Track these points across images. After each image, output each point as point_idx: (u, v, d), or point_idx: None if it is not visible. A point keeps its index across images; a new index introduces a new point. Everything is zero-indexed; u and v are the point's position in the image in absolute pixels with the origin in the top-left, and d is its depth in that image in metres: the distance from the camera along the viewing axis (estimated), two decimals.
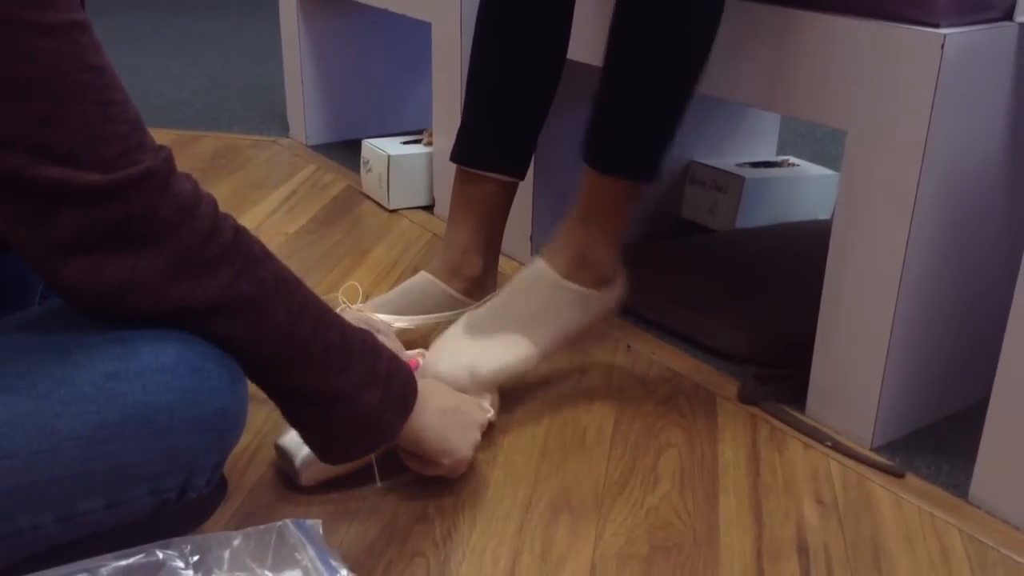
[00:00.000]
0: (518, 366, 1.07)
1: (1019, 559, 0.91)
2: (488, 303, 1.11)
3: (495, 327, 1.08)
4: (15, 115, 0.61)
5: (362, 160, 1.80)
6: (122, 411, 0.70)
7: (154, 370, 0.71)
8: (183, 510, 0.78)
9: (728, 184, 1.64)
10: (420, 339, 1.17)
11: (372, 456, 0.94)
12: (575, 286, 1.09)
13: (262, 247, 0.75)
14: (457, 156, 1.23)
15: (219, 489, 0.85)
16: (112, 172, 0.65)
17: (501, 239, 1.26)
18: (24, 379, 0.69)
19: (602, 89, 1.06)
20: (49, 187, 0.63)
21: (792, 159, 1.76)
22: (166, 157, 0.69)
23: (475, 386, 1.04)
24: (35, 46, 0.61)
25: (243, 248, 0.72)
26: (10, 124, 0.61)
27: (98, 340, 0.72)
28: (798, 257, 1.43)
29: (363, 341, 0.82)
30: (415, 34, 2.08)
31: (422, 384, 0.88)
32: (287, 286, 0.76)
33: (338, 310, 1.20)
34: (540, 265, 1.09)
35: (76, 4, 0.64)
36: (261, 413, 1.06)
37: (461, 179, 1.23)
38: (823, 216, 1.69)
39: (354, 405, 0.80)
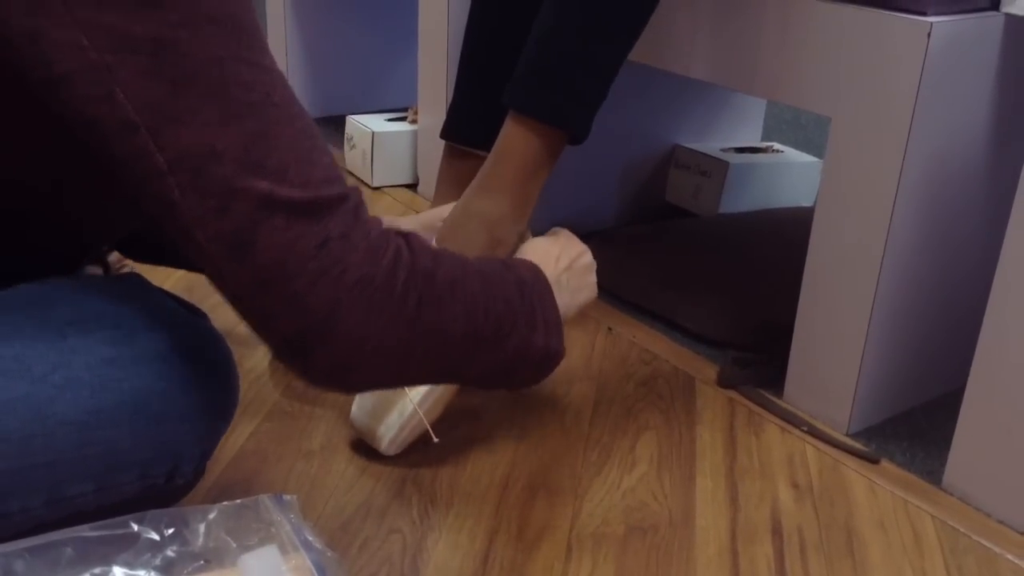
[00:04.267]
0: None
1: (990, 546, 0.93)
2: None
3: None
4: (228, 131, 0.62)
5: (346, 136, 1.79)
6: (117, 397, 0.70)
7: (150, 357, 0.71)
8: (166, 491, 0.78)
9: (712, 169, 1.64)
10: None
11: (441, 409, 0.98)
12: None
13: (429, 252, 0.72)
14: (447, 132, 1.23)
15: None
16: (317, 191, 0.65)
17: None
18: (19, 362, 0.68)
19: (541, 30, 1.01)
20: (256, 198, 0.62)
21: (777, 145, 1.76)
22: (357, 189, 0.69)
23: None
24: (253, 78, 0.63)
25: (419, 269, 0.70)
26: (225, 138, 0.62)
27: (94, 324, 0.72)
28: (780, 243, 1.43)
29: (518, 285, 0.80)
30: (401, 10, 2.07)
31: (538, 265, 0.85)
32: (459, 285, 0.73)
33: None
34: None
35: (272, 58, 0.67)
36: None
37: (449, 155, 1.23)
38: (806, 203, 1.69)
39: (528, 357, 0.80)
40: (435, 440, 0.97)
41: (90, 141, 0.63)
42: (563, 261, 0.92)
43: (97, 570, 0.66)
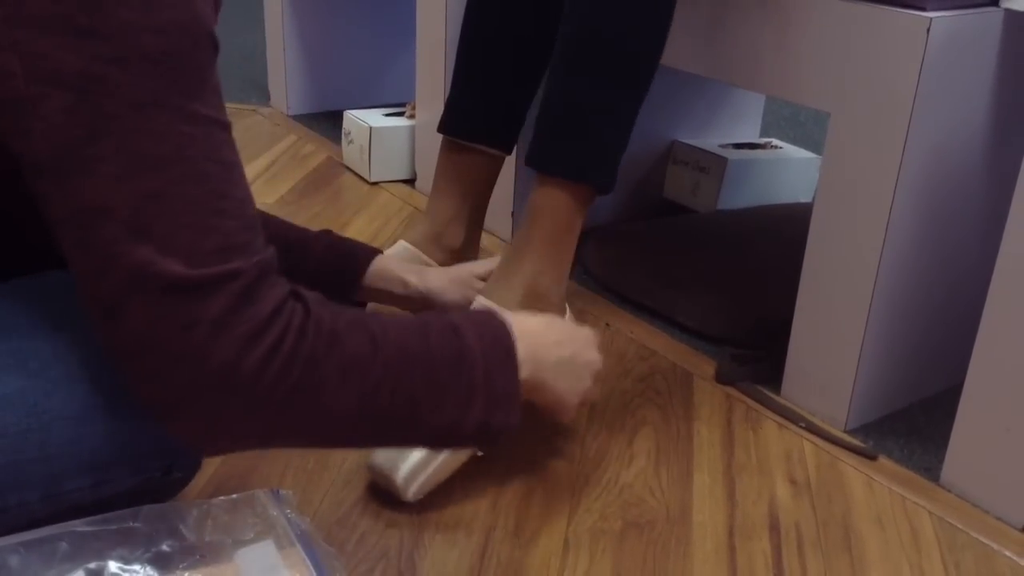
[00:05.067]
0: None
1: (988, 542, 0.93)
2: None
3: None
4: (126, 187, 0.59)
5: (344, 131, 1.79)
6: (113, 393, 0.70)
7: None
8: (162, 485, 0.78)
9: (711, 165, 1.63)
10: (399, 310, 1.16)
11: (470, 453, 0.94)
12: None
13: (329, 334, 0.67)
14: (445, 127, 1.22)
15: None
16: (198, 267, 0.60)
17: (485, 213, 1.25)
18: (15, 357, 0.68)
19: (554, 88, 1.00)
20: (131, 267, 0.59)
21: (775, 141, 1.76)
22: (260, 261, 0.64)
23: None
24: (170, 127, 0.60)
25: (303, 355, 0.65)
26: (118, 195, 0.59)
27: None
28: (778, 239, 1.43)
29: (457, 355, 0.74)
30: (399, 4, 2.06)
31: (535, 331, 0.82)
32: (356, 370, 0.68)
33: None
34: (484, 304, 0.98)
35: (222, 108, 0.64)
36: None
37: (448, 150, 1.23)
38: (805, 199, 1.69)
39: (459, 433, 0.75)
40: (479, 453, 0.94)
41: (7, 171, 0.62)
42: (565, 349, 0.86)
43: (92, 565, 0.66)
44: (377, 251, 1.08)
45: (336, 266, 1.07)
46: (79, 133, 0.58)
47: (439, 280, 1.09)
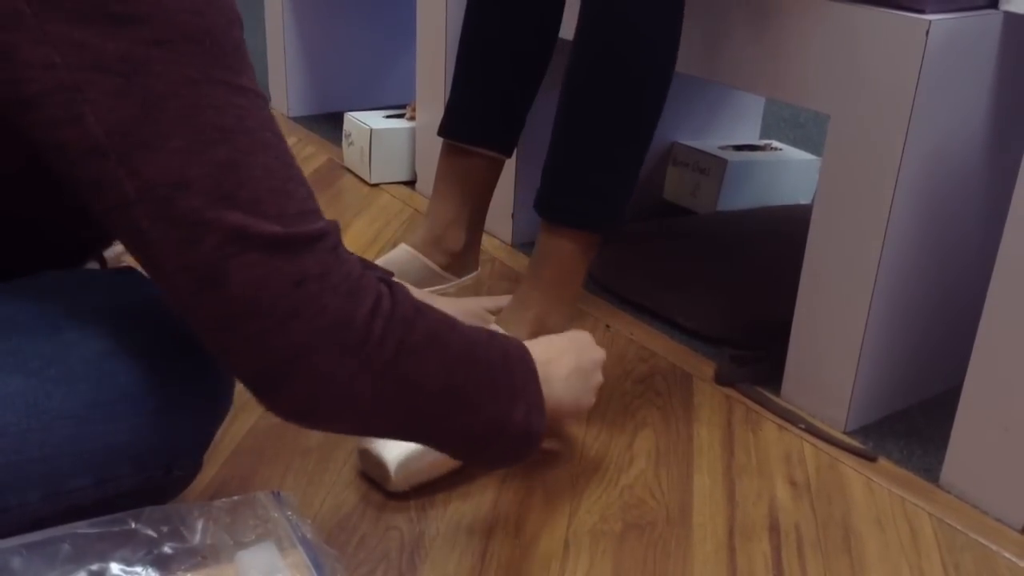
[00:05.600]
0: None
1: (987, 543, 0.93)
2: None
3: None
4: (200, 159, 0.59)
5: (344, 133, 1.79)
6: (113, 391, 0.70)
7: (146, 350, 0.71)
8: (163, 485, 0.78)
9: (711, 166, 1.64)
10: None
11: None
12: None
13: (410, 302, 0.70)
14: (445, 130, 1.23)
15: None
16: (292, 226, 0.62)
17: (485, 216, 1.26)
18: (15, 356, 0.68)
19: (557, 139, 1.03)
20: (228, 231, 0.60)
21: (775, 143, 1.76)
22: (336, 225, 0.67)
23: None
24: (228, 101, 0.61)
25: (398, 317, 0.68)
26: (194, 167, 0.59)
27: (90, 318, 0.71)
28: (778, 241, 1.43)
29: (502, 355, 0.77)
30: (400, 6, 2.06)
31: (541, 356, 0.82)
32: (439, 340, 0.71)
33: None
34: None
35: (255, 79, 0.64)
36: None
37: (448, 153, 1.23)
38: (804, 201, 1.69)
39: (506, 431, 0.76)
40: None
41: (56, 166, 0.62)
42: (569, 359, 0.87)
43: (94, 567, 0.67)
44: (390, 274, 1.08)
45: None
46: (135, 112, 0.58)
47: (449, 310, 1.08)
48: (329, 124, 2.02)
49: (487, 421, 0.75)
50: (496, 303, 1.10)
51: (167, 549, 0.69)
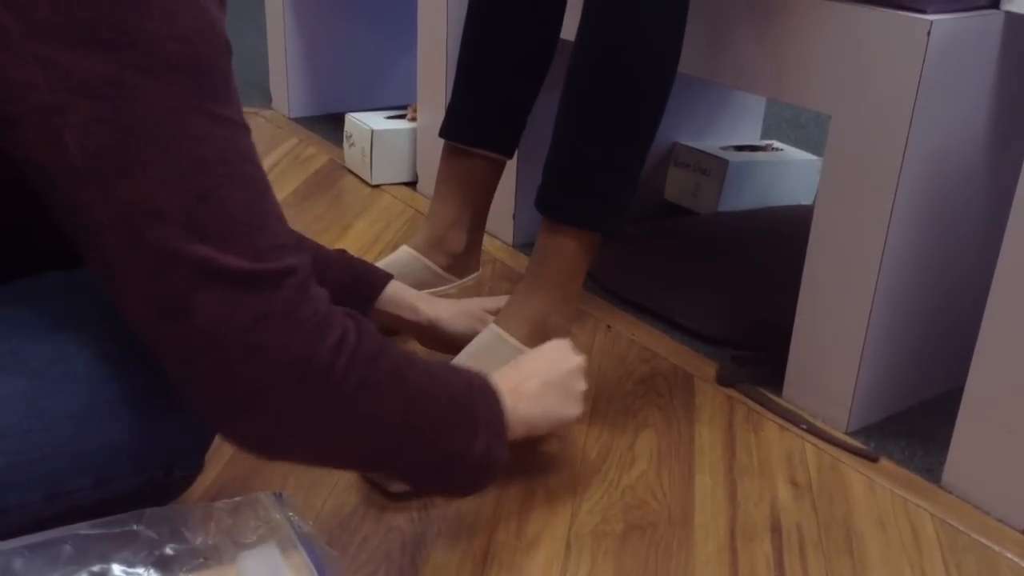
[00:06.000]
0: None
1: (989, 544, 0.93)
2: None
3: None
4: (175, 190, 0.60)
5: (345, 134, 1.79)
6: (113, 391, 0.70)
7: (146, 351, 0.71)
8: (164, 485, 0.78)
9: (712, 167, 1.64)
10: None
11: None
12: None
13: (375, 339, 0.71)
14: (446, 132, 1.23)
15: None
16: (261, 262, 0.62)
17: (486, 217, 1.26)
18: (16, 357, 0.68)
19: (559, 137, 1.03)
20: (195, 263, 0.60)
21: (776, 143, 1.76)
22: (307, 260, 0.67)
23: None
24: (210, 132, 0.61)
25: (363, 353, 0.68)
26: (168, 197, 0.59)
27: (90, 318, 0.71)
28: (779, 241, 1.43)
29: (465, 389, 0.78)
30: (401, 7, 2.06)
31: (507, 384, 0.84)
32: (401, 377, 0.72)
33: None
34: (497, 332, 1.03)
35: (242, 112, 0.65)
36: None
37: (449, 155, 1.23)
38: (805, 201, 1.69)
39: (467, 461, 0.77)
40: None
41: (36, 186, 0.62)
42: (539, 375, 0.89)
43: (96, 568, 0.67)
44: (390, 276, 1.09)
45: (352, 287, 1.07)
46: (116, 139, 0.58)
47: (448, 310, 1.09)
48: (330, 125, 2.02)
49: (446, 454, 0.76)
50: (496, 303, 1.10)
51: (168, 550, 0.70)
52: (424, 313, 1.08)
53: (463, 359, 1.03)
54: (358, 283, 1.08)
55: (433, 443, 0.75)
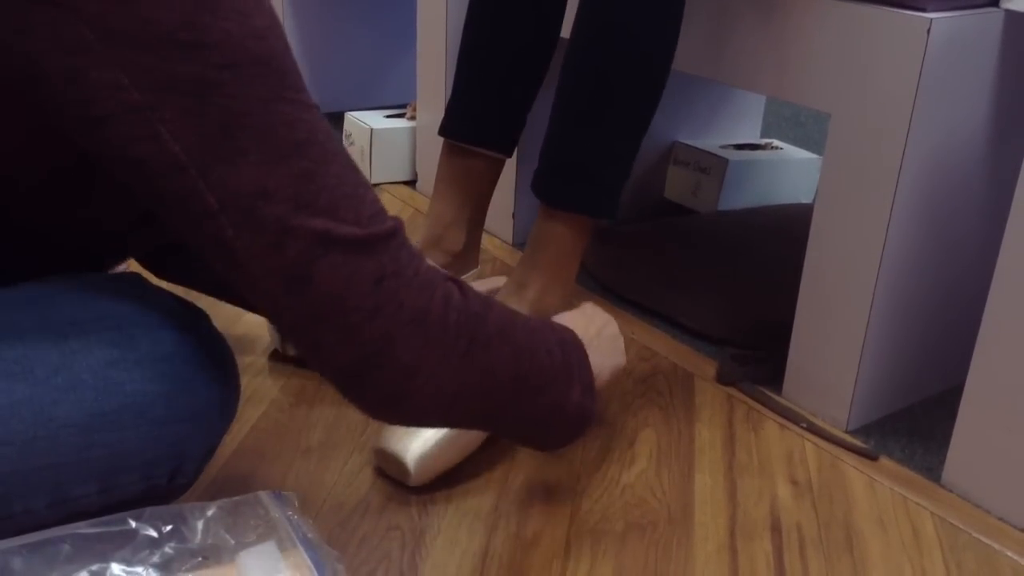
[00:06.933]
0: None
1: (989, 542, 0.93)
2: None
3: None
4: (278, 171, 0.63)
5: (344, 133, 1.79)
6: (120, 399, 0.70)
7: (152, 359, 0.71)
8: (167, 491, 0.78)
9: (711, 165, 1.64)
10: None
11: (477, 443, 0.97)
12: None
13: (478, 296, 0.74)
14: (446, 130, 1.22)
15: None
16: (368, 227, 0.66)
17: (485, 216, 1.26)
18: (21, 364, 0.68)
19: (555, 123, 1.05)
20: (312, 235, 0.63)
21: (776, 142, 1.76)
22: (402, 224, 0.70)
23: None
24: (297, 116, 0.64)
25: (470, 309, 0.72)
26: (274, 178, 0.63)
27: (95, 325, 0.71)
28: (779, 240, 1.43)
29: (559, 341, 0.81)
30: (400, 6, 2.06)
31: (582, 334, 0.87)
32: (507, 331, 0.75)
33: None
34: None
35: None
36: None
37: (448, 153, 1.23)
38: (805, 200, 1.69)
39: (565, 412, 0.81)
40: None
41: (134, 181, 0.64)
42: (592, 329, 0.92)
43: (95, 567, 0.66)
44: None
45: None
46: (210, 130, 0.61)
47: None
48: (329, 123, 2.01)
49: (550, 405, 0.80)
50: (489, 286, 1.12)
51: (168, 549, 0.69)
52: None
53: None
54: None
55: (538, 396, 0.78)
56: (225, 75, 0.61)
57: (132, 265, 1.09)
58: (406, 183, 1.75)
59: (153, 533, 0.70)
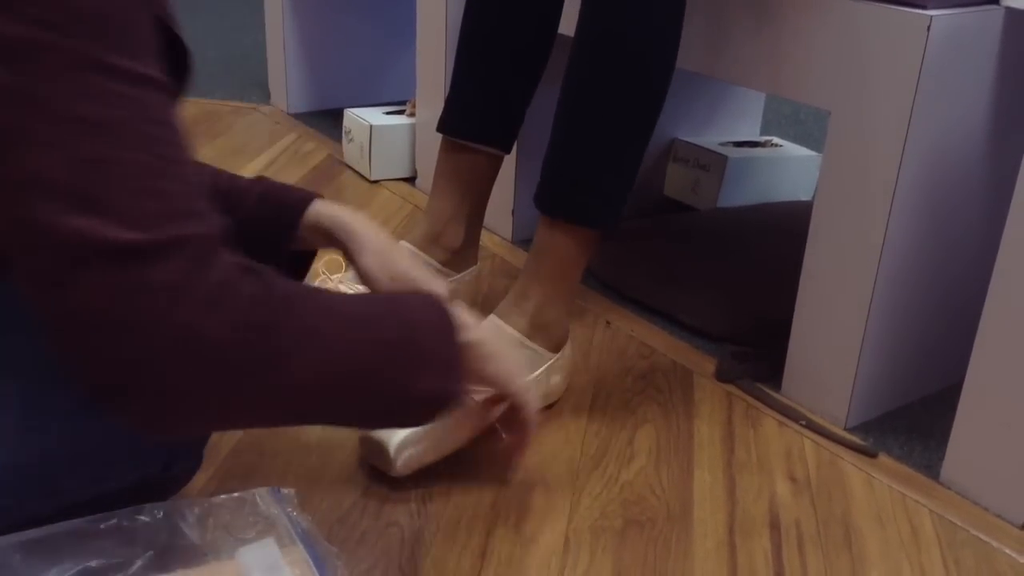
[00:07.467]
0: None
1: (988, 539, 0.93)
2: None
3: None
4: (63, 155, 0.56)
5: (344, 130, 1.79)
6: None
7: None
8: (161, 481, 0.78)
9: (711, 163, 1.63)
10: None
11: (465, 438, 0.95)
12: (535, 345, 1.05)
13: (283, 301, 0.65)
14: (444, 126, 1.22)
15: (195, 461, 0.85)
16: (149, 231, 0.57)
17: (484, 212, 1.25)
18: (10, 356, 0.68)
19: (556, 135, 1.04)
20: (73, 238, 0.56)
21: (775, 139, 1.76)
22: (212, 228, 0.62)
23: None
24: (113, 90, 0.57)
25: (272, 320, 0.64)
26: (52, 163, 0.55)
27: None
28: (778, 237, 1.43)
29: (402, 325, 0.74)
30: (400, 2, 2.06)
31: (468, 318, 0.81)
32: (320, 337, 0.67)
33: (317, 282, 1.19)
34: (497, 323, 1.05)
35: (157, 65, 0.60)
36: None
37: (447, 150, 1.23)
38: (805, 197, 1.69)
39: (410, 400, 0.74)
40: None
41: None
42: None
43: (94, 563, 0.67)
44: (311, 198, 0.99)
45: (272, 214, 0.97)
46: (11, 104, 0.55)
47: (378, 269, 0.96)
48: (329, 120, 2.01)
49: (387, 396, 0.72)
50: (433, 288, 1.01)
51: (167, 546, 0.69)
52: (352, 254, 0.96)
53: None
54: (279, 209, 0.97)
55: (366, 391, 0.71)
56: (39, 34, 0.54)
57: None
58: (406, 180, 1.75)
59: (153, 529, 0.70)
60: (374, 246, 0.94)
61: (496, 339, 0.86)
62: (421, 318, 0.75)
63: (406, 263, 0.94)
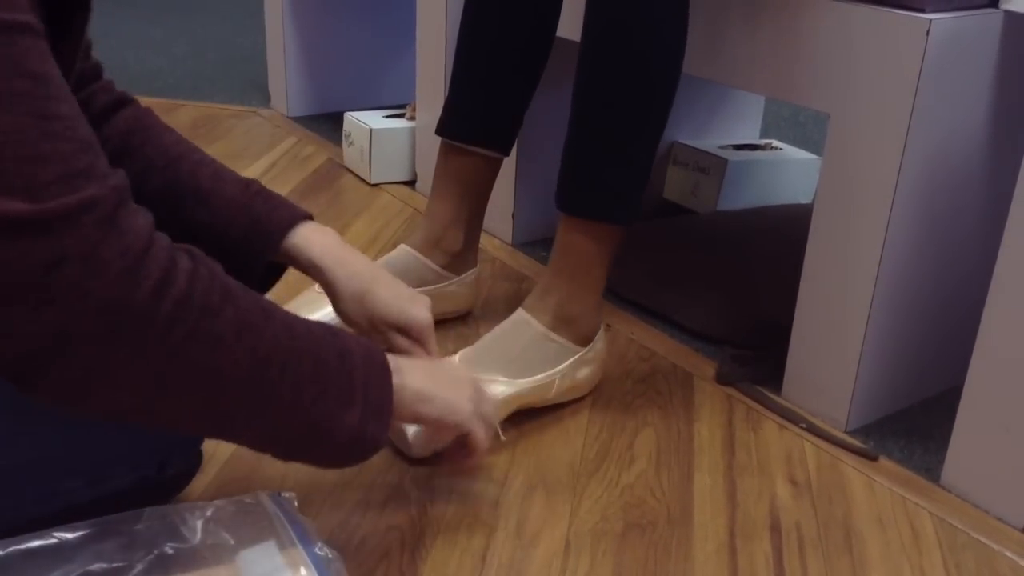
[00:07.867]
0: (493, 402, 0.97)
1: (988, 542, 0.93)
2: (474, 345, 1.06)
3: (478, 367, 1.03)
4: None
5: (344, 133, 1.79)
6: None
7: None
8: (159, 483, 0.78)
9: (711, 166, 1.64)
10: None
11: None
12: (561, 338, 1.06)
13: (222, 287, 0.63)
14: (443, 129, 1.23)
15: (193, 462, 0.85)
16: (44, 200, 0.53)
17: (483, 215, 1.26)
18: None
19: (571, 134, 1.05)
20: None
21: (775, 142, 1.76)
22: (116, 186, 0.57)
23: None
24: None
25: (196, 300, 0.60)
26: None
27: None
28: (778, 240, 1.43)
29: (340, 352, 0.71)
30: (400, 6, 2.06)
31: (401, 360, 0.78)
32: (249, 330, 0.64)
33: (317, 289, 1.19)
34: (525, 316, 1.06)
35: (21, 5, 0.54)
36: None
37: (446, 153, 1.23)
38: (804, 200, 1.69)
39: (333, 434, 0.70)
40: (502, 438, 0.97)
41: None
42: (438, 370, 0.83)
43: (94, 567, 0.66)
44: (297, 220, 0.95)
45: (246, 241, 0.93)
46: None
47: (352, 296, 0.93)
48: (329, 124, 2.02)
49: (311, 422, 0.68)
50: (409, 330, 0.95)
51: (167, 549, 0.69)
52: (330, 297, 0.93)
53: (486, 341, 1.05)
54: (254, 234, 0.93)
55: (289, 409, 0.67)
56: None
57: None
58: (406, 183, 1.75)
59: (152, 533, 0.70)
60: (351, 292, 0.91)
61: (434, 379, 0.80)
62: (361, 354, 0.72)
63: (384, 301, 0.90)
